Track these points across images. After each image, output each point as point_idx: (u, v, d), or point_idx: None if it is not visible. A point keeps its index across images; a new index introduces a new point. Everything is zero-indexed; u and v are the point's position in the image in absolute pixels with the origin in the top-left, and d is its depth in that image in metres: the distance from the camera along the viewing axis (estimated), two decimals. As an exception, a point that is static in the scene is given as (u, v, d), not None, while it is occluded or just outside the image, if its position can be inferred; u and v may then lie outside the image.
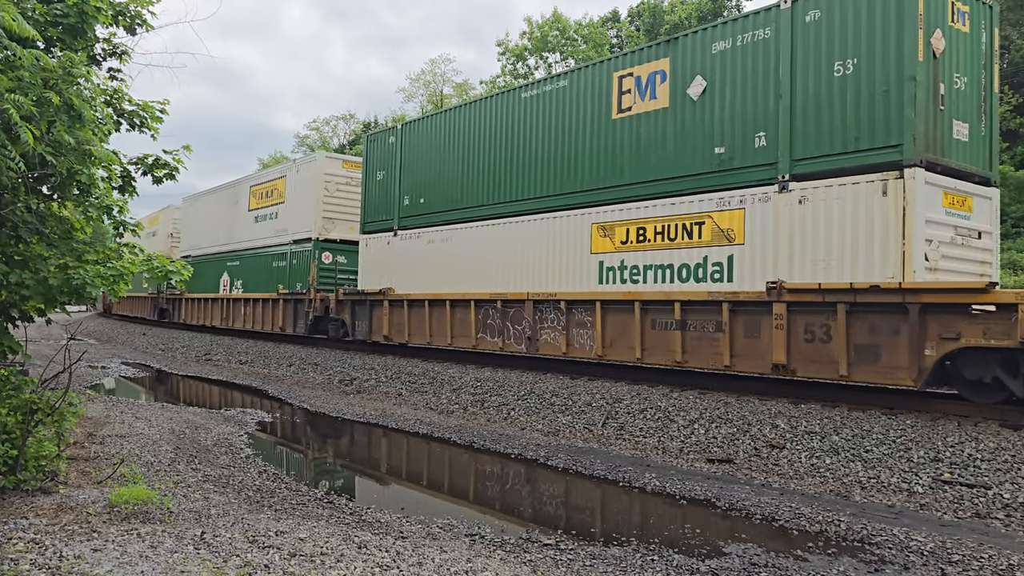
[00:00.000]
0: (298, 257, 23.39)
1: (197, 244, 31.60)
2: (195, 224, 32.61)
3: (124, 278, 6.85)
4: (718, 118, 11.96)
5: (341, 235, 22.80)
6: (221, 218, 29.74)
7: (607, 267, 13.48)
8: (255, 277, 26.05)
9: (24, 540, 4.69)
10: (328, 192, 22.85)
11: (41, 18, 6.53)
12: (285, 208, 24.71)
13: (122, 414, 11.64)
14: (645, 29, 48.60)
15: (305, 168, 23.93)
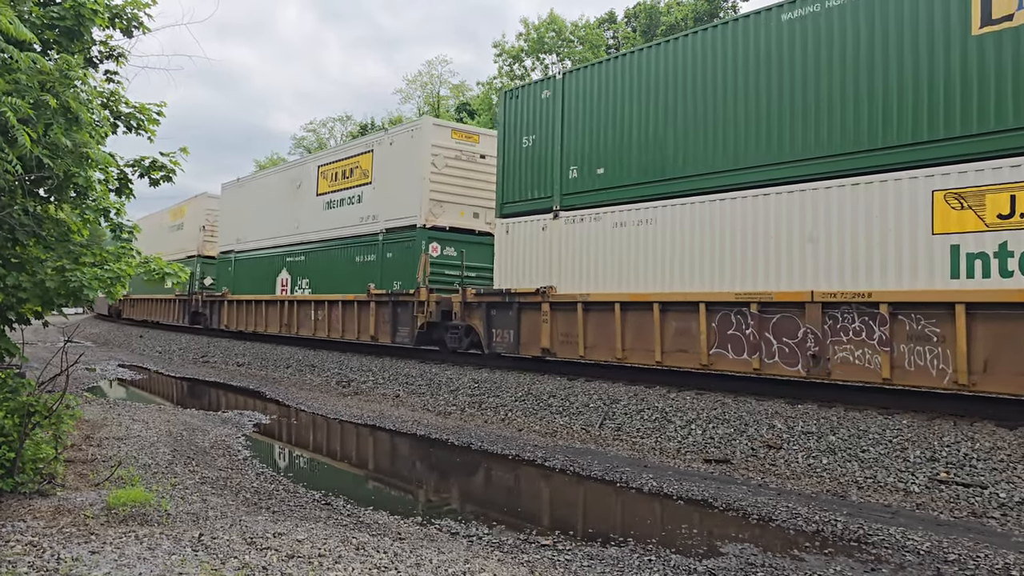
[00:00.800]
0: (395, 249, 18.86)
1: (244, 237, 26.51)
2: (239, 215, 27.32)
3: (121, 280, 6.85)
4: None
5: (451, 221, 18.38)
6: (276, 206, 24.74)
7: (967, 253, 9.27)
8: (328, 275, 21.44)
9: (22, 543, 4.69)
10: (436, 168, 18.21)
11: (38, 21, 6.54)
12: (373, 190, 20.02)
13: (119, 416, 11.63)
14: (641, 30, 48.68)
15: (403, 138, 19.05)
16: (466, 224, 18.47)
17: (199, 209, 31.25)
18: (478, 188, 18.72)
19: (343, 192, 21.41)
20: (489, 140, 18.67)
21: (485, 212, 18.64)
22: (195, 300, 29.36)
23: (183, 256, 30.55)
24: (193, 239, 31.18)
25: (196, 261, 29.79)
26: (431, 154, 18.05)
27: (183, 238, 32.36)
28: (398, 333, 18.20)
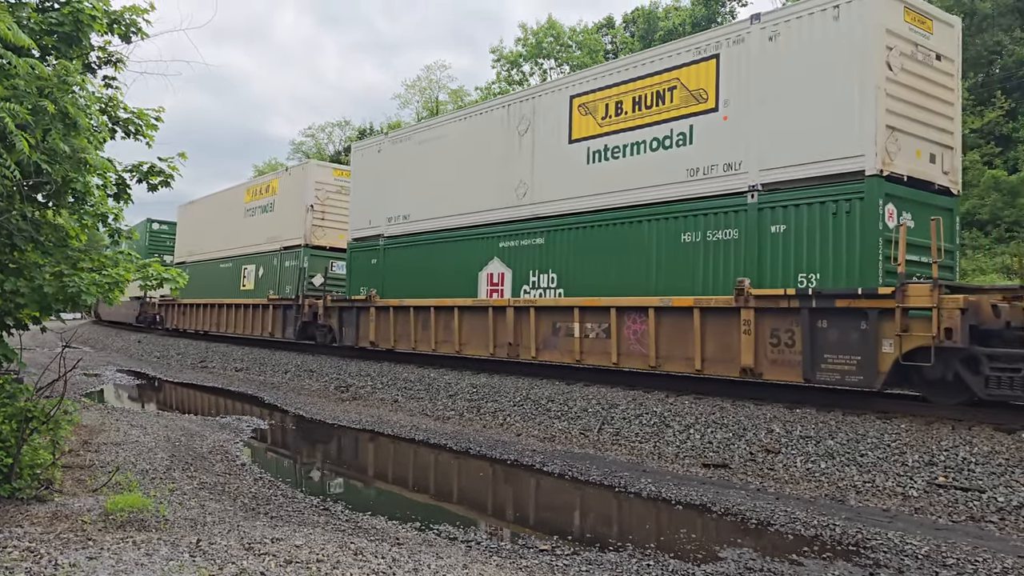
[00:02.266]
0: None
1: (412, 214, 19.25)
2: (392, 185, 21.73)
3: (119, 285, 6.85)
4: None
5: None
6: (480, 165, 19.15)
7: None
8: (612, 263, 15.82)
9: (19, 549, 4.68)
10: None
11: (36, 27, 6.55)
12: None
13: (117, 422, 11.61)
14: (639, 35, 48.79)
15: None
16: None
17: (302, 183, 23.49)
18: None
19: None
20: None
21: None
22: (306, 306, 22.01)
23: (275, 248, 24.43)
24: (292, 224, 23.62)
25: (301, 253, 22.94)
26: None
27: (273, 223, 24.97)
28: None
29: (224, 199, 29.65)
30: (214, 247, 29.11)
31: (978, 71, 32.26)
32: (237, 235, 27.25)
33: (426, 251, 18.06)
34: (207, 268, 29.32)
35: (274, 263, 24.41)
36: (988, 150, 29.38)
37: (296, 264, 23.08)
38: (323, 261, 22.56)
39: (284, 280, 23.59)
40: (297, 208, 23.43)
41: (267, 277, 24.79)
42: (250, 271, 26.15)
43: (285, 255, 23.91)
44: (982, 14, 31.47)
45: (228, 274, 27.63)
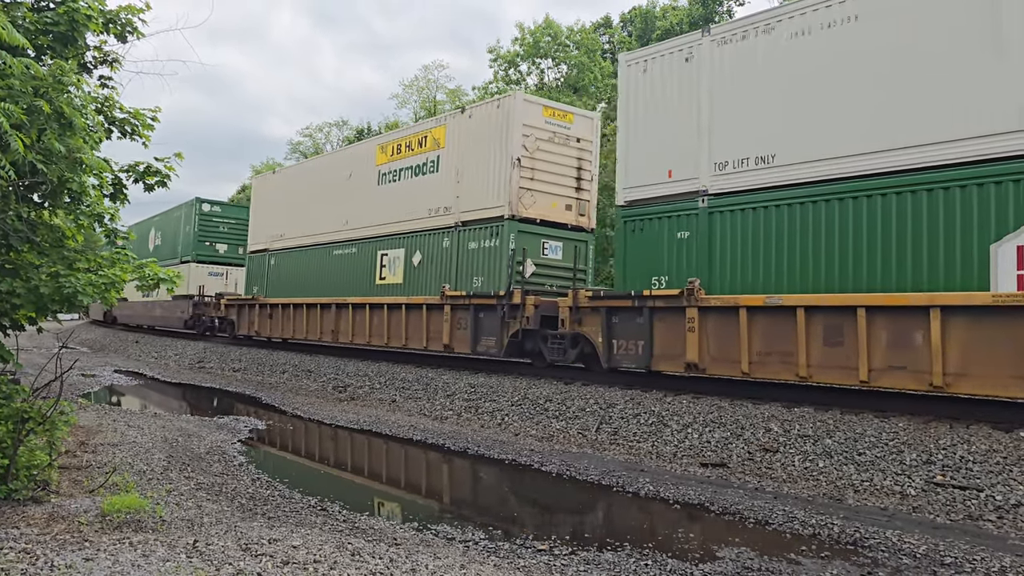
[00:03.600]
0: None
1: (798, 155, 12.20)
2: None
3: (116, 286, 6.83)
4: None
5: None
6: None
7: None
8: None
9: (15, 550, 4.66)
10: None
11: (31, 26, 6.53)
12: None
13: (114, 422, 11.59)
14: (637, 35, 48.81)
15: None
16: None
17: (500, 126, 16.40)
18: None
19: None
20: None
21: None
22: (529, 306, 14.99)
23: (447, 223, 17.59)
24: (480, 188, 16.76)
25: (504, 229, 15.80)
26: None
27: (439, 189, 18.08)
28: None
29: (335, 164, 23.09)
30: (321, 228, 22.60)
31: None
32: (366, 210, 20.57)
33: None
34: (309, 257, 23.13)
35: (444, 245, 17.48)
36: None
37: (495, 244, 16.09)
38: (533, 240, 16.00)
39: (470, 268, 16.68)
40: (487, 164, 16.53)
41: (431, 265, 17.88)
42: (395, 258, 19.30)
43: (470, 233, 16.82)
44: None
45: (350, 264, 21.07)
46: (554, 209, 16.47)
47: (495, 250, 16.11)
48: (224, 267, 32.78)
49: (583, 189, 16.95)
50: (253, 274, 26.56)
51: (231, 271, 32.65)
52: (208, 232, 32.87)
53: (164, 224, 36.68)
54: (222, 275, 32.39)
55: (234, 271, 32.41)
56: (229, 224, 33.49)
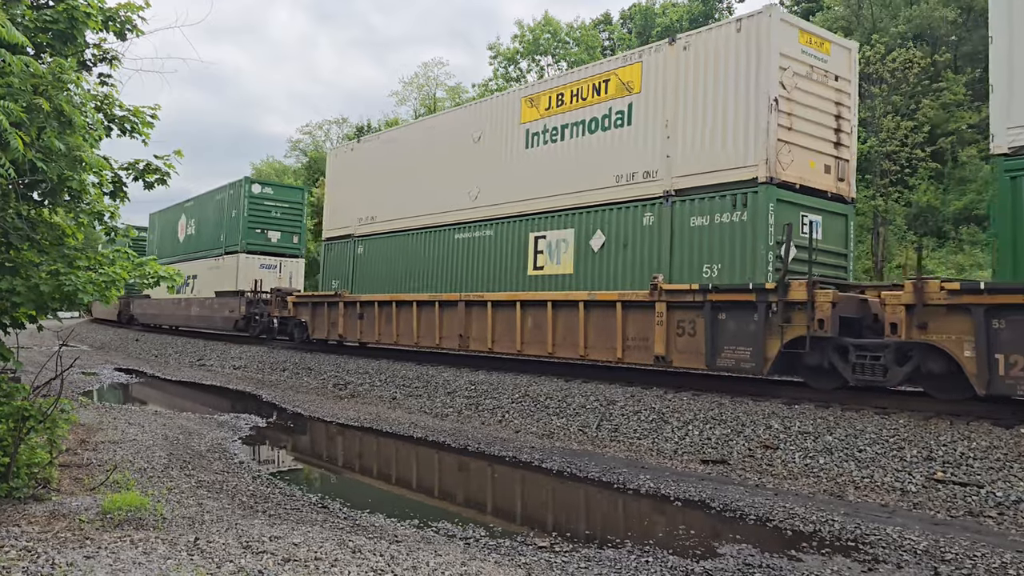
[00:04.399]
0: None
1: None
2: None
3: (116, 284, 6.82)
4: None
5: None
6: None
7: None
8: None
9: (16, 548, 4.66)
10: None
11: (31, 24, 6.51)
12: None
13: (115, 420, 11.59)
14: (637, 31, 48.77)
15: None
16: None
17: (747, 56, 12.17)
18: None
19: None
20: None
21: None
22: (821, 305, 10.42)
23: (638, 197, 13.59)
24: (710, 145, 12.63)
25: (759, 198, 11.77)
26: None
27: (629, 147, 13.95)
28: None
29: (452, 126, 18.38)
30: (433, 206, 18.30)
31: (975, 66, 32.26)
32: (507, 180, 16.32)
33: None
34: (416, 243, 18.90)
35: (646, 222, 13.33)
36: (984, 146, 29.41)
37: (741, 219, 11.95)
38: (790, 213, 11.90)
39: (695, 253, 12.56)
40: (722, 110, 12.31)
41: (623, 250, 13.73)
42: (558, 241, 14.99)
43: (692, 205, 12.67)
44: (979, 9, 31.46)
45: (483, 249, 16.83)
46: (812, 171, 12.39)
47: (741, 227, 11.86)
48: (276, 258, 27.92)
49: (843, 145, 12.88)
50: (332, 265, 22.24)
51: (285, 263, 28.13)
52: (259, 218, 27.45)
53: (200, 209, 31.13)
54: (275, 267, 27.63)
55: (288, 263, 28.24)
56: (282, 208, 28.16)
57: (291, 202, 28.75)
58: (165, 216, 35.19)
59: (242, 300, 25.67)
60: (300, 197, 29.09)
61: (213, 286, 28.54)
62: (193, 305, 29.69)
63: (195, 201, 32.16)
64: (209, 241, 29.70)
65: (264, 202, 27.70)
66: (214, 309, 27.70)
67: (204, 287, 29.29)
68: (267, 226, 27.69)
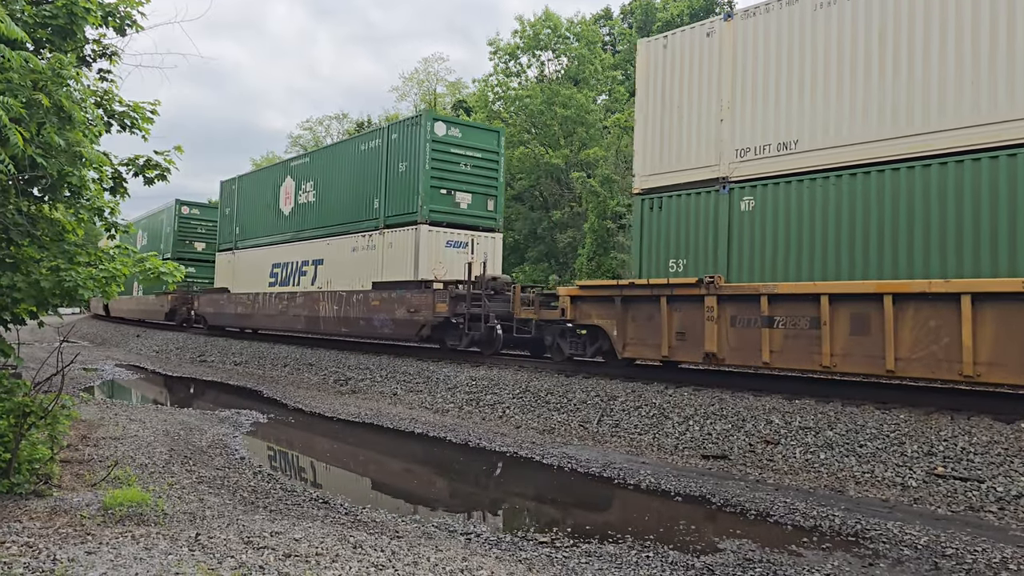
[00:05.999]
0: None
1: None
2: None
3: (116, 280, 6.82)
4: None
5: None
6: None
7: None
8: None
9: (18, 544, 4.67)
10: None
11: (30, 20, 6.50)
12: None
13: (116, 416, 11.60)
14: (637, 26, 48.69)
15: None
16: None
17: None
18: None
19: None
20: None
21: None
22: None
23: None
24: None
25: None
26: None
27: None
28: None
29: None
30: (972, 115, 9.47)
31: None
32: None
33: None
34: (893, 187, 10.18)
35: None
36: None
37: None
38: None
39: None
40: None
41: None
42: None
43: None
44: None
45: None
46: None
47: None
48: (467, 232, 18.80)
49: None
50: (660, 234, 13.08)
51: (478, 240, 18.94)
52: (445, 172, 18.35)
53: (327, 167, 22.14)
54: (465, 246, 18.61)
55: (483, 240, 19.01)
56: (473, 160, 18.90)
57: (485, 151, 19.10)
58: (252, 182, 26.80)
59: (435, 295, 16.90)
60: (496, 144, 19.42)
61: (359, 275, 19.91)
62: (321, 302, 20.92)
63: (312, 157, 23.53)
64: (348, 211, 20.84)
65: (451, 149, 18.41)
66: (373, 308, 18.76)
67: (339, 277, 20.76)
68: (455, 185, 18.57)
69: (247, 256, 26.34)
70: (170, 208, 34.08)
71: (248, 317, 25.24)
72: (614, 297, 13.20)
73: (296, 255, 23.04)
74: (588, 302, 13.89)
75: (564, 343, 14.64)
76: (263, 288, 24.50)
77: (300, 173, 23.55)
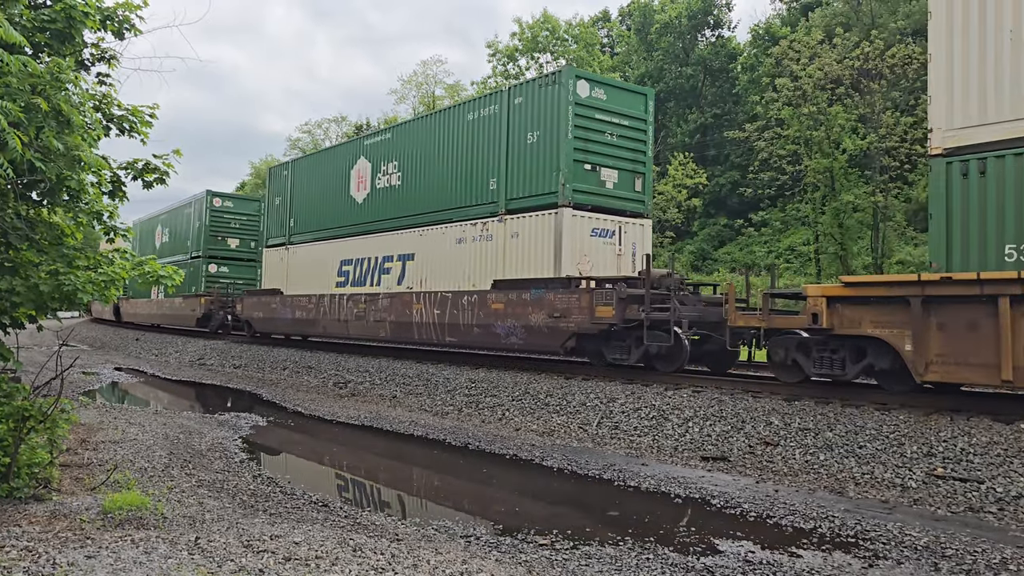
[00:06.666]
0: None
1: None
2: None
3: (115, 283, 6.82)
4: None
5: None
6: None
7: None
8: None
9: (17, 548, 4.67)
10: None
11: (28, 24, 6.50)
12: None
13: (115, 420, 11.59)
14: (636, 28, 48.73)
15: None
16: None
17: None
18: None
19: None
20: None
21: None
22: None
23: None
24: None
25: None
26: None
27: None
28: None
29: None
30: None
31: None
32: None
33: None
34: None
35: None
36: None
37: None
38: None
39: None
40: None
41: None
42: None
43: None
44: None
45: None
46: None
47: None
48: (615, 217, 15.43)
49: None
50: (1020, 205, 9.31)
51: (627, 227, 15.54)
52: (589, 143, 14.89)
53: (427, 138, 18.16)
54: (612, 235, 15.29)
55: (630, 227, 15.60)
56: (619, 128, 15.39)
57: (633, 118, 15.63)
58: (310, 166, 23.69)
59: (593, 296, 13.35)
60: (644, 109, 15.94)
61: (468, 273, 16.38)
62: (415, 305, 17.39)
63: (394, 133, 19.73)
64: (449, 195, 17.37)
65: (595, 115, 14.96)
66: (494, 312, 15.12)
67: (439, 275, 17.22)
68: (599, 160, 15.03)
69: (306, 252, 23.01)
70: (199, 200, 30.47)
71: (310, 323, 21.71)
72: (908, 298, 9.52)
73: (375, 250, 19.55)
74: (858, 305, 10.25)
75: (805, 359, 11.04)
76: (328, 289, 21.07)
77: (378, 152, 19.97)
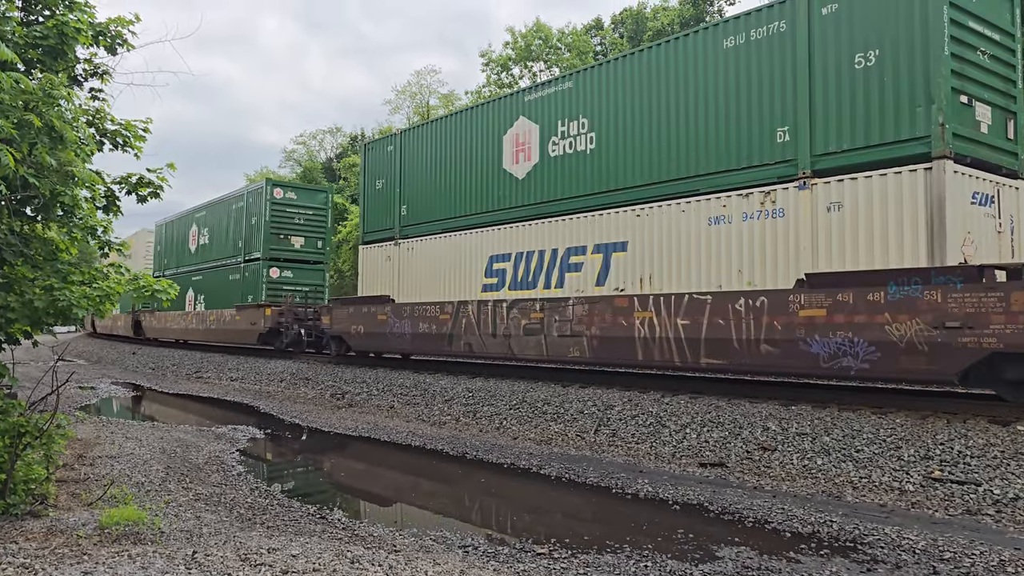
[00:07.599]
0: None
1: None
2: None
3: (110, 298, 6.82)
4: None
5: None
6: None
7: None
8: None
9: (14, 565, 4.65)
10: None
11: (21, 40, 6.53)
12: None
13: (112, 434, 11.56)
14: (628, 36, 48.95)
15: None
16: None
17: None
18: None
19: None
20: None
21: None
22: None
23: None
24: None
25: None
26: None
27: None
28: None
29: None
30: None
31: None
32: None
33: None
34: None
35: None
36: None
37: None
38: None
39: None
40: None
41: None
42: None
43: None
44: None
45: None
46: None
47: None
48: (993, 177, 10.51)
49: None
50: None
51: (1004, 191, 10.63)
52: (966, 67, 10.00)
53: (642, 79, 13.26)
54: (992, 202, 10.42)
55: (1007, 191, 10.67)
56: (993, 47, 10.55)
57: (1002, 31, 10.84)
58: (433, 134, 18.53)
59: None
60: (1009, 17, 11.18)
61: (725, 267, 11.76)
62: (641, 314, 12.38)
63: (577, 80, 14.76)
64: (696, 159, 12.50)
65: (968, 21, 10.22)
66: (804, 324, 10.16)
67: (674, 270, 12.55)
68: (975, 90, 10.28)
69: (428, 248, 18.15)
70: (255, 191, 25.11)
71: (441, 340, 16.69)
72: None
73: (550, 240, 14.82)
74: None
75: None
76: (471, 294, 16.40)
77: (550, 109, 15.18)
